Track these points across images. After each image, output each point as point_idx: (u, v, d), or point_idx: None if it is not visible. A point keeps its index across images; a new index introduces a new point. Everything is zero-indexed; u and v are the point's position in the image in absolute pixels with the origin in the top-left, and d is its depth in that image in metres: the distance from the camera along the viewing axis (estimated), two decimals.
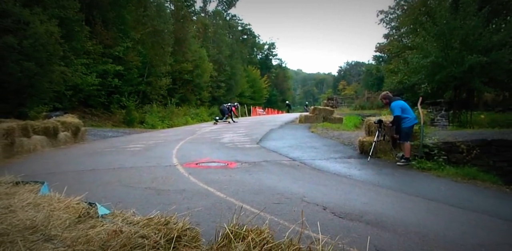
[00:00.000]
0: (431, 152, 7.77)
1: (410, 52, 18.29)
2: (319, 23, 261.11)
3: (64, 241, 1.79)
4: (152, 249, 1.70)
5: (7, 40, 12.70)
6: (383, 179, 6.39)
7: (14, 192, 2.66)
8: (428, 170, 7.16)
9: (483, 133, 8.87)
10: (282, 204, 4.32)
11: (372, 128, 8.77)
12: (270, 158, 7.99)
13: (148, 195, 4.66)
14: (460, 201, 5.15)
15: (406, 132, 7.64)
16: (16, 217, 2.04)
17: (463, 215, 4.49)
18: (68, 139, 11.20)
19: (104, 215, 2.41)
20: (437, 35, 14.27)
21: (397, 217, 4.07)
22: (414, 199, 5.14)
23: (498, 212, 4.74)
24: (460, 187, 6.14)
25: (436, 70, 13.95)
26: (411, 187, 5.92)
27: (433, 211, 4.56)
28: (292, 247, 1.69)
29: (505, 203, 5.46)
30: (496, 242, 3.54)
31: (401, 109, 7.66)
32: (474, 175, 6.83)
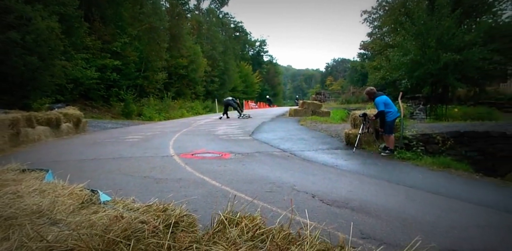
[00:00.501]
0: (410, 143, 7.88)
1: (391, 50, 18.40)
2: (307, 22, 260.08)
3: (69, 225, 1.79)
4: (151, 233, 1.69)
5: (10, 35, 12.63)
6: (367, 168, 6.46)
7: (21, 179, 2.64)
8: (408, 160, 7.27)
9: (456, 126, 9.03)
10: (273, 192, 4.34)
11: (357, 121, 8.83)
12: (262, 149, 8.00)
13: (147, 184, 4.63)
14: (435, 188, 5.25)
15: (390, 125, 7.72)
16: (23, 202, 2.04)
17: (438, 200, 4.59)
18: (70, 130, 11.08)
19: (105, 201, 2.40)
20: (415, 34, 14.45)
21: (380, 204, 4.13)
22: (395, 187, 5.22)
23: (469, 197, 4.85)
24: (435, 175, 6.25)
25: (415, 67, 14.14)
26: (392, 176, 6.00)
27: (412, 197, 4.65)
28: (282, 233, 1.71)
29: (475, 189, 5.59)
30: (466, 224, 3.64)
31: (384, 104, 7.71)
32: (448, 164, 6.97)
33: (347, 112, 14.80)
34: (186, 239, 1.64)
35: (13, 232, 1.65)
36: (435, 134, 8.04)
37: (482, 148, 7.88)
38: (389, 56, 17.82)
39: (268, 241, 1.56)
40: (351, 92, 29.90)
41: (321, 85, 73.94)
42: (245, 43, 62.63)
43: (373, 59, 30.06)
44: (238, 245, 1.51)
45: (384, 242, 2.88)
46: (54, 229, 1.72)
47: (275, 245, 1.54)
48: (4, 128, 7.62)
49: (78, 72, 18.18)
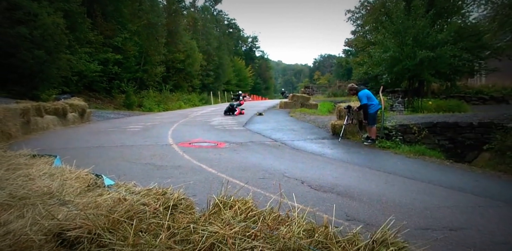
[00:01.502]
0: (390, 133, 7.98)
1: (373, 47, 18.43)
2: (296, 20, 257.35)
3: (77, 205, 1.80)
4: (152, 214, 1.70)
5: (19, 30, 12.70)
6: (351, 156, 6.53)
7: (32, 163, 2.63)
8: (388, 149, 7.37)
9: (430, 117, 9.15)
10: (266, 179, 4.36)
11: (342, 113, 8.87)
12: (255, 139, 8.00)
13: (148, 170, 4.62)
14: (412, 173, 5.35)
15: (373, 117, 7.79)
16: (35, 184, 2.04)
17: (414, 184, 4.68)
18: (75, 119, 10.96)
19: (109, 185, 2.39)
20: (394, 33, 14.52)
21: (362, 188, 4.19)
22: (376, 173, 5.30)
23: (440, 182, 4.96)
24: (412, 162, 6.36)
25: (394, 63, 14.23)
26: (374, 163, 6.08)
27: (391, 182, 4.73)
28: (273, 214, 1.72)
29: (445, 174, 5.71)
30: (437, 205, 3.72)
31: (367, 97, 7.76)
32: (423, 152, 7.09)
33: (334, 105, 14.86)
34: (184, 220, 1.65)
35: (27, 210, 1.66)
36: (412, 125, 8.15)
37: (452, 137, 8.04)
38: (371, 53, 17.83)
39: (260, 222, 1.58)
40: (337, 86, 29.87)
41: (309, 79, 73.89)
42: (238, 39, 61.83)
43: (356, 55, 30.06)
44: (232, 225, 1.52)
45: (366, 223, 2.94)
46: (63, 209, 1.73)
47: (266, 225, 1.57)
48: (16, 117, 7.56)
49: (82, 65, 17.94)
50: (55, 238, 1.45)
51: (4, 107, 7.35)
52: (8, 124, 7.11)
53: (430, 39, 13.68)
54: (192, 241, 1.40)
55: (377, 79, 18.17)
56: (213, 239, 1.39)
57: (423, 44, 13.63)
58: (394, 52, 13.99)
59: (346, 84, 25.97)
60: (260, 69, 64.62)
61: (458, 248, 2.60)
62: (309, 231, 1.49)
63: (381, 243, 1.32)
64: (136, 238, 1.42)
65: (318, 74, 69.85)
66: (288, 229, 1.48)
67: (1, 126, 6.79)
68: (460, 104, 13.58)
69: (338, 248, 1.31)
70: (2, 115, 6.91)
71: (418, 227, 2.97)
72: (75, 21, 17.56)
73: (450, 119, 8.48)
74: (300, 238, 1.38)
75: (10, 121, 7.22)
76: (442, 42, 13.60)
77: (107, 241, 1.40)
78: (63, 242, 1.45)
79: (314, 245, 1.35)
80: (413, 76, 14.82)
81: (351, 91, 8.28)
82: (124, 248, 1.34)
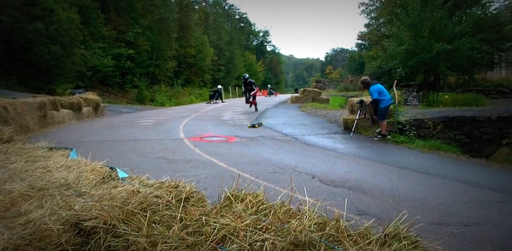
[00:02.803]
0: (403, 128, 7.83)
1: (387, 40, 18.03)
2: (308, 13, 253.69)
3: (93, 197, 1.85)
4: (165, 207, 1.74)
5: (36, 26, 13.00)
6: (363, 151, 6.44)
7: (49, 155, 2.71)
8: (401, 143, 7.24)
9: (446, 111, 8.93)
10: (276, 173, 4.35)
11: (355, 108, 8.75)
12: (265, 134, 7.99)
13: (160, 163, 4.68)
14: (425, 169, 5.25)
15: (383, 112, 7.66)
16: (52, 175, 2.11)
17: (427, 180, 4.59)
18: (90, 113, 11.22)
19: (123, 178, 2.44)
20: (409, 25, 14.14)
21: (374, 183, 4.14)
22: (388, 168, 5.22)
23: (455, 177, 4.84)
24: (426, 157, 6.23)
25: (409, 56, 13.90)
26: (386, 158, 5.99)
27: (404, 177, 4.66)
28: (283, 208, 1.73)
29: (461, 169, 5.58)
30: (452, 200, 3.65)
31: (378, 92, 7.62)
32: (438, 146, 6.93)
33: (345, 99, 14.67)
34: (196, 212, 1.67)
35: (45, 201, 1.72)
36: (427, 119, 7.97)
37: (469, 131, 7.83)
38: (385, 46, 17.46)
39: (271, 215, 1.59)
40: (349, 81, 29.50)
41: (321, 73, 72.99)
42: (249, 33, 61.51)
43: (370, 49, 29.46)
44: (243, 218, 1.53)
45: (378, 218, 2.91)
46: (80, 200, 1.78)
47: (276, 218, 1.57)
48: (33, 111, 7.80)
49: (96, 60, 18.28)
50: (72, 228, 1.50)
51: (22, 101, 7.57)
52: (26, 117, 7.34)
53: (448, 31, 13.29)
54: (204, 233, 1.43)
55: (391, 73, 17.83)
56: (224, 231, 1.41)
57: (440, 36, 13.25)
58: (409, 45, 13.66)
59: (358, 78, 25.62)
60: (271, 63, 64.23)
61: (474, 244, 2.54)
62: (320, 224, 1.49)
63: (394, 237, 1.30)
64: (150, 229, 1.46)
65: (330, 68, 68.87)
66: (299, 223, 1.48)
67: (20, 120, 6.99)
68: (478, 97, 13.17)
69: (350, 242, 1.30)
70: (20, 109, 7.13)
71: (431, 222, 2.92)
72: (89, 16, 17.85)
73: (467, 113, 8.25)
74: (311, 231, 1.38)
75: (28, 114, 7.44)
76: (460, 34, 13.20)
77: (122, 232, 1.44)
78: (80, 232, 1.49)
79: (325, 238, 1.35)
80: (429, 70, 14.46)
81: (363, 84, 8.14)
82: (138, 238, 1.37)
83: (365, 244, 1.27)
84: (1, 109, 6.53)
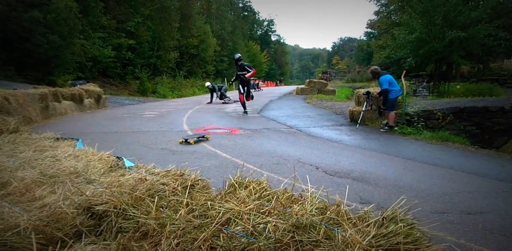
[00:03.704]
0: (411, 119, 7.87)
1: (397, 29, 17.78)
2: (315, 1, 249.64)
3: (102, 184, 1.97)
4: (171, 193, 1.84)
5: (33, 14, 12.96)
6: (369, 143, 6.51)
7: (56, 146, 2.83)
8: (408, 135, 7.29)
9: (457, 102, 8.91)
10: (280, 164, 4.45)
11: (361, 99, 8.77)
12: (269, 126, 8.06)
13: (164, 154, 4.80)
14: (432, 159, 5.32)
15: (392, 103, 7.69)
16: (62, 164, 2.22)
17: (433, 170, 4.67)
18: (92, 105, 11.36)
19: (130, 167, 2.56)
20: (421, 12, 13.88)
21: (379, 174, 4.23)
22: (394, 159, 5.30)
23: (462, 167, 4.92)
24: (434, 148, 6.29)
25: (420, 45, 13.74)
26: (392, 149, 6.06)
27: (409, 168, 4.74)
28: (286, 194, 1.83)
29: (469, 159, 5.63)
30: (457, 190, 3.73)
31: (388, 82, 7.65)
32: (446, 138, 6.97)
33: (352, 91, 14.65)
34: (202, 198, 1.78)
35: (57, 187, 1.85)
36: (436, 110, 7.99)
37: (480, 122, 7.83)
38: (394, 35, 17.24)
39: (274, 200, 1.69)
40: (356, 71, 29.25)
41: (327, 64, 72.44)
42: (253, 23, 60.97)
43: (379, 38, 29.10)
44: (247, 203, 1.63)
45: (381, 206, 3.01)
46: (90, 186, 1.90)
47: (279, 203, 1.67)
48: (35, 102, 7.94)
49: (96, 50, 18.31)
50: (85, 212, 1.63)
51: (23, 92, 7.70)
52: (28, 109, 7.49)
53: (462, 17, 13.03)
54: (210, 216, 1.53)
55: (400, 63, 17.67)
56: (229, 215, 1.52)
57: (454, 23, 13.02)
58: (421, 33, 13.49)
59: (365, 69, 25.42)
60: (276, 54, 63.81)
61: (476, 231, 2.64)
62: (322, 209, 1.58)
63: (391, 219, 1.40)
64: (158, 212, 1.57)
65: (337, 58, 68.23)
66: (301, 207, 1.57)
67: (22, 111, 7.15)
68: (492, 87, 12.99)
69: (349, 224, 1.39)
70: (22, 100, 7.27)
71: (434, 211, 3.03)
72: (88, 5, 17.79)
73: (479, 103, 8.23)
74: (312, 215, 1.47)
75: (30, 106, 7.60)
76: (475, 21, 12.94)
77: (132, 215, 1.55)
78: (92, 215, 1.62)
79: (326, 221, 1.44)
80: (441, 59, 14.30)
81: (373, 74, 8.15)
82: (148, 221, 1.49)
83: (364, 226, 1.36)
84: (3, 100, 6.65)
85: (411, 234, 1.26)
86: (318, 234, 1.28)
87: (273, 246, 1.23)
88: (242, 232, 1.36)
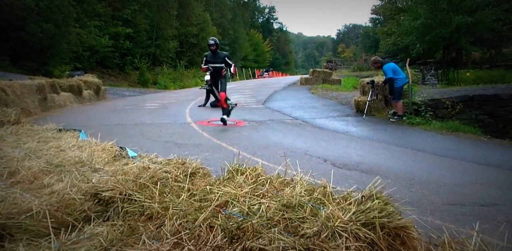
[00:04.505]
0: (419, 108, 7.85)
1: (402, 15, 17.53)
2: None
3: (107, 172, 2.04)
4: (174, 180, 1.95)
5: (25, 1, 12.78)
6: (377, 134, 6.52)
7: (59, 137, 2.89)
8: (417, 125, 7.29)
9: (467, 90, 8.83)
10: (288, 157, 4.47)
11: (366, 88, 8.74)
12: (274, 117, 8.07)
13: (168, 147, 4.80)
14: (442, 150, 5.33)
15: (399, 92, 7.68)
16: (66, 154, 2.30)
17: (444, 162, 4.69)
18: (91, 96, 11.37)
19: (133, 156, 2.62)
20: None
21: (388, 166, 4.25)
22: (403, 150, 5.32)
23: (474, 158, 4.93)
24: (444, 139, 6.30)
25: (426, 31, 13.59)
26: (401, 140, 6.07)
27: (419, 159, 4.76)
28: (279, 179, 2.00)
29: (481, 150, 5.64)
30: (469, 182, 3.76)
31: (392, 71, 7.62)
32: (457, 127, 6.96)
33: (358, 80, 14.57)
34: (202, 184, 1.92)
35: (64, 176, 1.92)
36: (445, 99, 7.94)
37: (492, 111, 7.72)
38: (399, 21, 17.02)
39: (267, 184, 1.86)
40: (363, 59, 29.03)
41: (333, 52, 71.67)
42: (254, 10, 60.16)
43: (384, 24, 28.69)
44: (243, 187, 1.78)
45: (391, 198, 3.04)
46: (96, 175, 1.98)
47: (272, 187, 1.84)
48: (32, 94, 7.90)
49: (92, 40, 18.22)
50: (92, 198, 1.71)
51: (20, 83, 7.61)
52: (26, 101, 7.47)
53: (468, 2, 12.82)
54: (209, 199, 1.67)
55: (408, 50, 17.45)
56: (227, 198, 1.67)
57: (460, 8, 12.83)
58: (426, 19, 13.29)
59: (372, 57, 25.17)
60: (279, 42, 63.15)
61: (488, 222, 2.66)
62: (310, 191, 1.76)
63: (369, 198, 1.56)
64: (162, 197, 1.69)
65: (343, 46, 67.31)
66: (292, 190, 1.75)
67: (20, 103, 7.11)
68: (505, 74, 12.67)
69: (333, 203, 1.56)
70: (19, 91, 7.25)
71: (445, 203, 3.05)
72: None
73: (490, 91, 8.15)
74: (301, 196, 1.64)
75: (27, 97, 7.56)
76: (482, 5, 12.72)
77: (137, 200, 1.65)
78: (99, 201, 1.71)
79: (313, 201, 1.61)
80: (449, 45, 14.13)
81: (375, 64, 8.14)
82: (152, 205, 1.59)
83: (346, 204, 1.53)
84: (0, 91, 6.64)
85: (385, 209, 1.42)
86: (305, 212, 1.45)
87: (265, 223, 1.36)
88: (238, 213, 1.50)
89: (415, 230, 1.37)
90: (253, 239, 1.20)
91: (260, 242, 1.19)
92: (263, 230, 1.28)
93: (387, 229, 1.29)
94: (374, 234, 1.24)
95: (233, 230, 1.29)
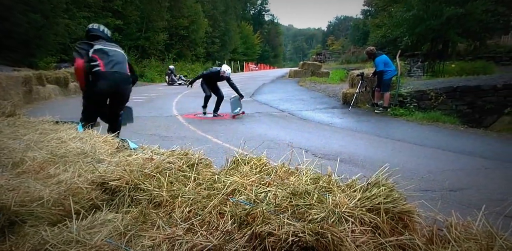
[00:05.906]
0: (404, 100, 8.03)
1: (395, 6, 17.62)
2: None
3: (111, 163, 2.12)
4: (178, 170, 2.04)
5: None
6: (360, 125, 6.70)
7: (57, 129, 2.93)
8: (400, 116, 7.49)
9: (451, 81, 9.08)
10: (271, 148, 4.60)
11: (355, 81, 8.89)
12: (261, 109, 8.16)
13: (154, 140, 4.87)
14: (421, 140, 5.55)
15: (387, 84, 7.84)
16: (68, 145, 2.37)
17: (421, 151, 4.90)
18: (77, 89, 11.19)
19: (134, 148, 2.71)
20: None
21: (367, 155, 4.44)
22: (383, 141, 5.50)
23: (450, 147, 5.18)
24: (424, 129, 6.52)
25: (416, 23, 13.74)
26: (383, 131, 6.26)
27: (398, 149, 4.94)
28: (283, 168, 2.08)
29: (457, 139, 5.91)
30: (442, 169, 3.99)
31: (384, 63, 7.77)
32: (437, 118, 7.22)
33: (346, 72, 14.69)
34: (208, 173, 2.01)
35: (69, 166, 2.00)
36: (429, 90, 8.16)
37: (472, 101, 8.06)
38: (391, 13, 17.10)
39: (273, 174, 1.95)
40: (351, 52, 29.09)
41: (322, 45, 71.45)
42: (246, 1, 59.45)
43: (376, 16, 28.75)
44: (249, 176, 1.88)
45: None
46: (100, 165, 2.06)
47: (278, 176, 1.94)
48: (18, 85, 7.79)
49: (81, 31, 17.81)
50: (98, 187, 1.79)
51: (6, 75, 7.49)
52: (10, 92, 7.35)
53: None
54: (216, 188, 1.75)
55: (396, 42, 17.62)
56: (234, 186, 1.75)
57: None
58: (418, 11, 13.42)
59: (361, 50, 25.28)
60: (269, 35, 62.66)
61: (454, 206, 2.85)
62: (315, 179, 1.85)
63: (375, 184, 1.65)
64: (169, 186, 1.78)
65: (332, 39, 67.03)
66: (297, 178, 1.84)
67: (4, 95, 6.98)
68: (487, 65, 13.05)
69: (338, 190, 1.65)
70: (5, 83, 7.14)
71: (417, 189, 3.21)
72: None
73: (472, 82, 8.41)
74: (307, 184, 1.72)
75: (12, 89, 7.46)
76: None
77: (145, 188, 1.74)
78: (106, 190, 1.79)
79: (319, 189, 1.69)
80: (437, 37, 14.32)
81: (369, 55, 8.25)
82: (161, 193, 1.68)
83: (351, 191, 1.62)
84: None
85: (391, 195, 1.49)
86: (312, 199, 1.50)
87: (273, 210, 1.43)
88: (246, 201, 1.57)
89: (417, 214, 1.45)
90: (262, 224, 1.26)
91: (269, 227, 1.24)
92: (271, 216, 1.33)
93: (391, 214, 1.36)
94: (378, 218, 1.32)
95: (242, 216, 1.35)
